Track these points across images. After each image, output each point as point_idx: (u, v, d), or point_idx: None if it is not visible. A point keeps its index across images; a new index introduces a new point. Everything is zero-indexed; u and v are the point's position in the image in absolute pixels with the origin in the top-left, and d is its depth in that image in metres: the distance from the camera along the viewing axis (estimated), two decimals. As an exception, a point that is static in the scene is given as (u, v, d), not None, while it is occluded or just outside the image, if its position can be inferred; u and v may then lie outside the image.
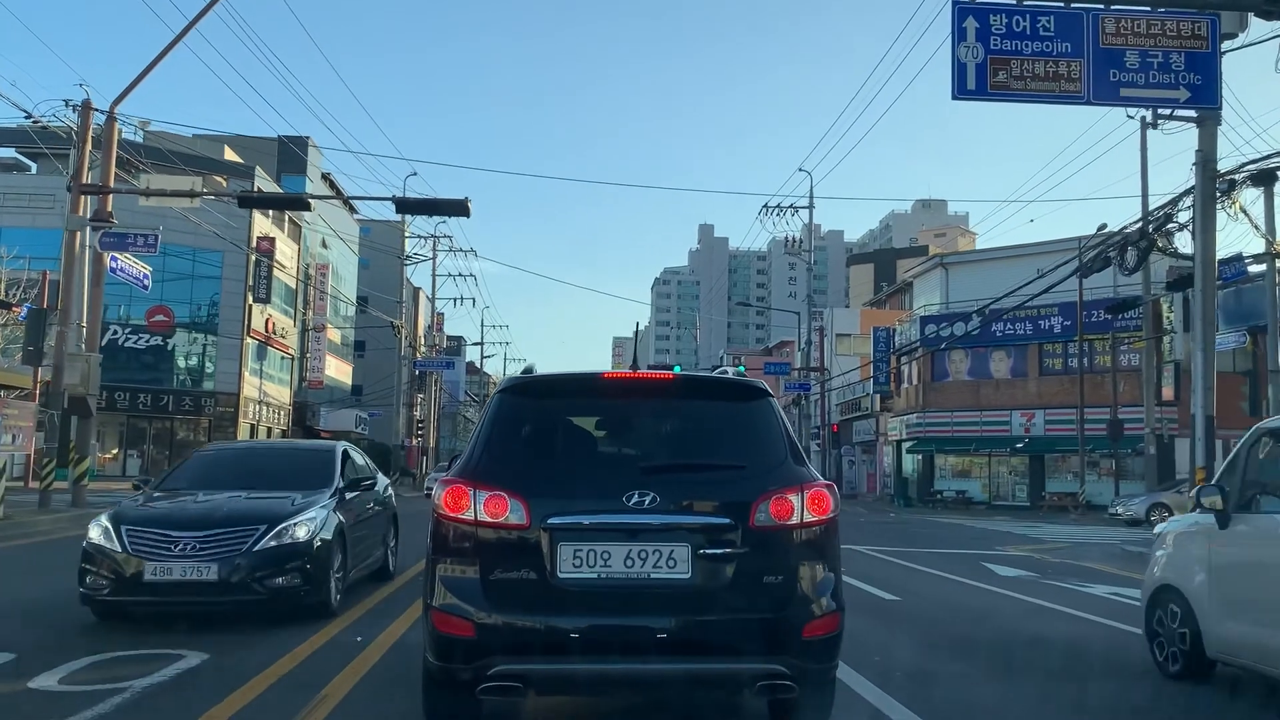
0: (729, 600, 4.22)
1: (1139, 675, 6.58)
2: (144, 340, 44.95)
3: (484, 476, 4.36)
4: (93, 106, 20.12)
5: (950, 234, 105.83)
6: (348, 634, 7.49)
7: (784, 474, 4.44)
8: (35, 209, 41.95)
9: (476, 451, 4.53)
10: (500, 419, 4.65)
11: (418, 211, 23.95)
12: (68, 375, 19.95)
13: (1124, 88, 13.98)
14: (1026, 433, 41.39)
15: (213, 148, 47.33)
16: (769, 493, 4.34)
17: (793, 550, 4.34)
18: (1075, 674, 6.75)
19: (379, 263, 59.69)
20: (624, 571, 4.20)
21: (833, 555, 4.48)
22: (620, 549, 4.21)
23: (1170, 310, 35.32)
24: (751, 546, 4.26)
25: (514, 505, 4.26)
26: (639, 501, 4.22)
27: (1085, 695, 6.15)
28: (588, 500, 4.29)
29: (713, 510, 4.31)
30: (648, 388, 4.86)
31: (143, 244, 19.87)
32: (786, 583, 4.30)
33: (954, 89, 13.82)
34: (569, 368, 28.52)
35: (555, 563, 4.19)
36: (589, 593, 4.19)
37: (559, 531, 4.22)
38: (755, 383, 4.87)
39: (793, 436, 4.67)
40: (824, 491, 4.43)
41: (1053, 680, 6.61)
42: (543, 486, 4.33)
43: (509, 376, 5.01)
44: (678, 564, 4.21)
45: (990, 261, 44.53)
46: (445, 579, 4.32)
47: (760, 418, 4.65)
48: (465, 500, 4.32)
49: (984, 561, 15.49)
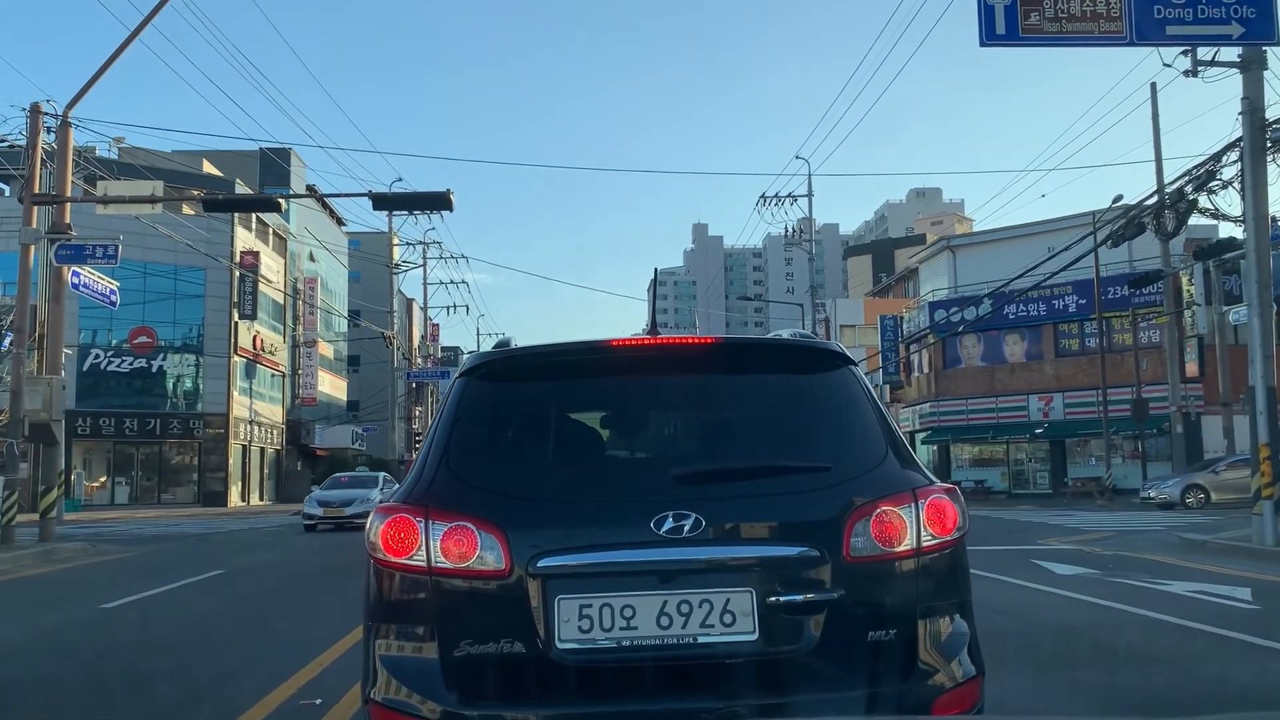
0: (816, 671, 2.79)
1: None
2: (128, 363, 43.60)
3: (441, 500, 2.95)
4: (42, 111, 18.69)
5: (947, 221, 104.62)
6: (308, 691, 6.07)
7: (886, 478, 3.01)
8: (6, 233, 40.52)
9: (430, 464, 3.09)
10: (464, 416, 3.20)
11: (397, 207, 22.63)
12: (28, 401, 18.52)
13: (1170, 25, 12.59)
14: (1045, 417, 39.98)
15: (192, 162, 46.02)
16: (868, 506, 2.92)
17: (908, 590, 2.92)
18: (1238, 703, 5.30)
19: (370, 275, 58.36)
20: (657, 635, 2.78)
21: (963, 594, 3.06)
22: (649, 601, 2.79)
23: (1191, 283, 33.92)
24: (846, 588, 2.84)
25: (486, 541, 2.84)
26: (674, 528, 2.81)
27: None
28: (596, 529, 2.88)
29: (785, 536, 2.88)
30: (677, 359, 3.38)
31: (102, 255, 18.43)
32: (900, 640, 2.87)
33: (981, 35, 12.42)
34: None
35: (552, 626, 2.78)
36: (604, 669, 2.79)
37: (555, 578, 2.81)
38: (831, 345, 3.41)
39: (892, 423, 3.23)
40: (947, 501, 3.01)
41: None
42: (528, 512, 2.92)
43: (476, 353, 3.55)
44: (736, 619, 2.79)
45: (999, 242, 43.11)
46: (389, 658, 2.90)
47: (842, 396, 3.21)
48: (414, 536, 2.90)
49: (1033, 558, 14.03)
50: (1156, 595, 9.79)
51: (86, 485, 42.97)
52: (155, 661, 7.43)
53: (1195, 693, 5.75)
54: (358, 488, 25.75)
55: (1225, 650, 6.94)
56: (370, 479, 27.49)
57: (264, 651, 7.70)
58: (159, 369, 44.62)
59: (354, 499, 24.26)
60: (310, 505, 24.83)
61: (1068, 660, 6.77)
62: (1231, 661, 6.57)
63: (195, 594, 11.90)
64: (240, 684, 6.32)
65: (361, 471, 35.70)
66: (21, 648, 8.19)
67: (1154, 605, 9.01)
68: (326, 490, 26.25)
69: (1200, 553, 14.62)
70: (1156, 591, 10.09)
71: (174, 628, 9.28)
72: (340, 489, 25.92)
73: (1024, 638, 7.49)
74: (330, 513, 24.13)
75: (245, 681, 6.37)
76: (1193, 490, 27.36)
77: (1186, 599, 9.55)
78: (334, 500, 24.62)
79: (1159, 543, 16.44)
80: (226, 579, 13.54)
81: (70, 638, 8.62)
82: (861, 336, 54.31)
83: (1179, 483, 27.99)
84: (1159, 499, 27.78)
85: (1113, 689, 5.91)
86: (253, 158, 50.84)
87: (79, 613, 10.18)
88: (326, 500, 24.77)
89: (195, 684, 6.50)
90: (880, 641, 2.85)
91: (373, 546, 2.98)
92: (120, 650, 8.01)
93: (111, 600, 10.92)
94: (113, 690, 6.44)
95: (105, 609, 10.39)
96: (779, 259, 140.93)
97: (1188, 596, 9.71)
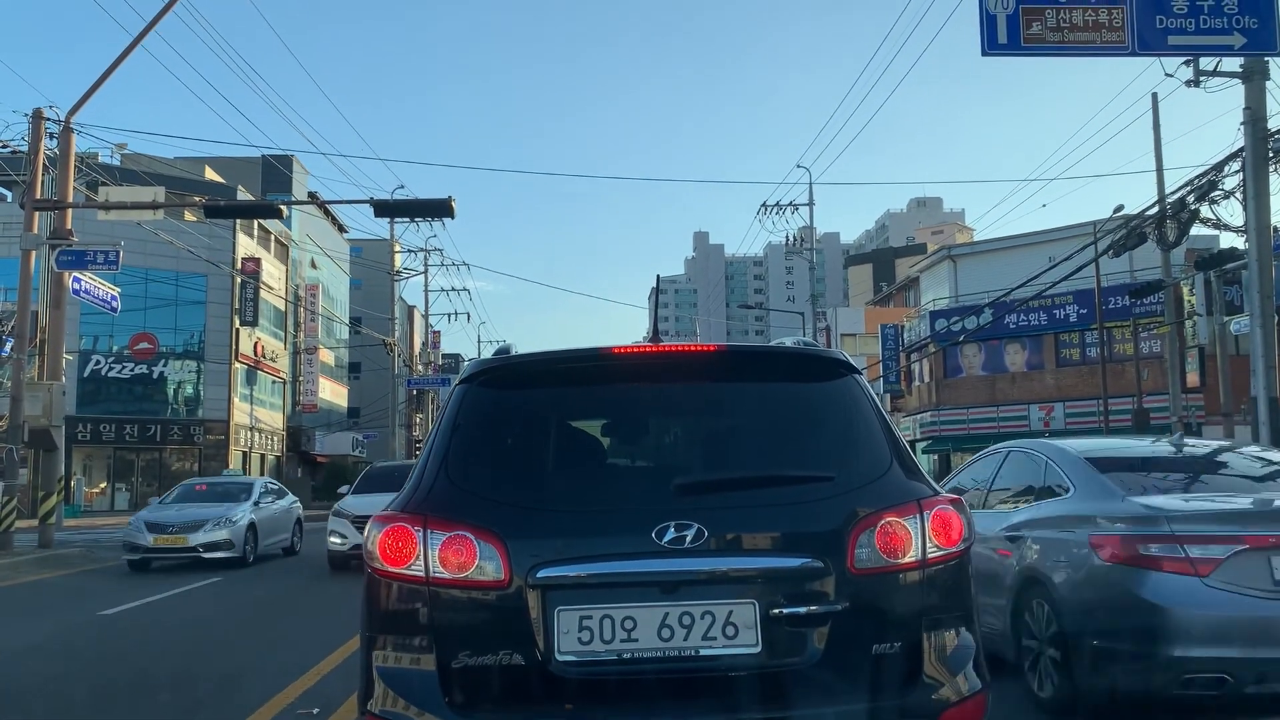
0: (819, 685, 2.76)
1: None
2: (129, 370, 43.58)
3: (440, 509, 2.92)
4: (45, 116, 18.69)
5: (948, 230, 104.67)
6: (303, 702, 6.03)
7: (891, 488, 2.98)
8: (8, 238, 40.58)
9: (429, 472, 3.06)
10: (464, 423, 3.18)
11: (399, 214, 22.58)
12: (28, 406, 18.49)
13: (1171, 35, 12.54)
14: (1046, 426, 39.90)
15: (194, 168, 46.03)
16: (872, 516, 2.89)
17: (912, 602, 2.89)
18: None
19: (372, 283, 58.38)
20: (658, 647, 2.75)
21: (968, 606, 3.02)
22: (651, 612, 2.76)
23: (1192, 293, 33.90)
24: (850, 600, 2.82)
25: (485, 550, 2.82)
26: (676, 538, 2.78)
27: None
28: (597, 539, 2.86)
29: (788, 547, 2.86)
30: (680, 367, 3.34)
31: (103, 261, 18.40)
32: (905, 653, 2.84)
33: (984, 44, 12.39)
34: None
35: (551, 637, 2.76)
36: (605, 682, 2.76)
37: (555, 589, 2.79)
38: (835, 354, 3.38)
39: (896, 432, 3.20)
40: (952, 512, 2.98)
41: None
42: (528, 521, 2.90)
43: (476, 360, 3.52)
44: (739, 631, 2.76)
45: (1000, 252, 43.09)
46: (387, 670, 2.86)
47: (846, 405, 3.19)
48: (412, 545, 2.87)
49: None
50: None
51: (86, 491, 42.89)
52: (153, 668, 7.41)
53: (1197, 702, 5.73)
54: (217, 502, 16.79)
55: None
56: (239, 487, 18.01)
57: (262, 658, 7.67)
58: (160, 375, 44.58)
59: (206, 519, 15.68)
60: (135, 529, 15.76)
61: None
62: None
63: (194, 600, 11.87)
64: (238, 692, 6.29)
65: (229, 476, 26.93)
66: (20, 653, 8.16)
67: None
68: (162, 508, 16.92)
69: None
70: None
71: (173, 634, 9.24)
72: (188, 504, 16.85)
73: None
74: (166, 541, 15.41)
75: (243, 689, 6.35)
76: (1194, 501, 27.28)
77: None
78: (172, 523, 15.66)
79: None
80: (228, 582, 13.52)
81: (68, 644, 8.58)
82: (862, 345, 54.31)
83: (1180, 493, 27.90)
84: (1160, 509, 27.68)
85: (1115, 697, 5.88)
86: (255, 164, 50.90)
87: (78, 619, 10.16)
88: (161, 523, 15.72)
89: (193, 691, 6.47)
90: (884, 654, 2.82)
91: (370, 556, 2.96)
92: (118, 657, 7.98)
93: (110, 607, 10.89)
94: (111, 697, 6.41)
95: (104, 615, 10.36)
96: (780, 267, 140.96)
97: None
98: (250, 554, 16.03)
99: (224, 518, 15.81)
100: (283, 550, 17.82)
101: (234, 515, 15.99)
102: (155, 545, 15.39)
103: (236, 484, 18.88)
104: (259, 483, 18.61)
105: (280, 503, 18.28)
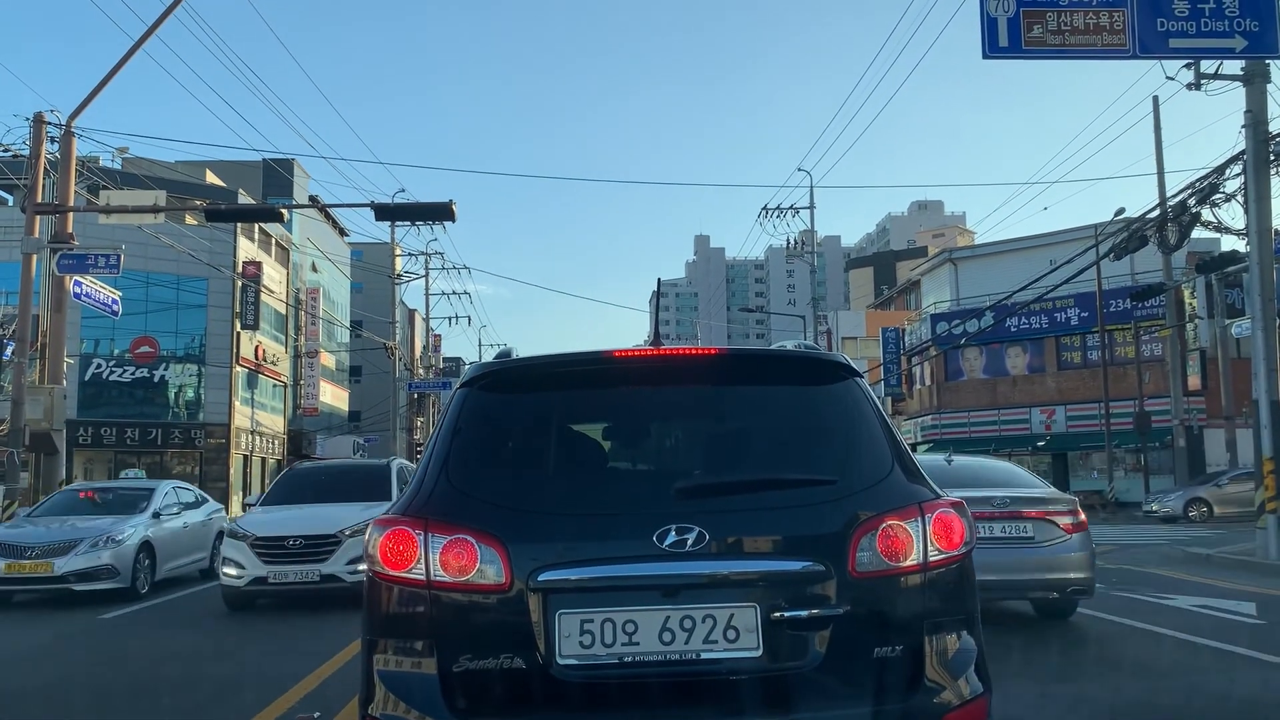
0: (820, 688, 2.75)
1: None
2: (130, 373, 43.58)
3: (441, 512, 2.91)
4: (46, 120, 18.71)
5: (949, 233, 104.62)
6: (305, 705, 6.02)
7: (892, 491, 2.98)
8: (9, 242, 40.65)
9: (430, 476, 3.05)
10: (465, 427, 3.17)
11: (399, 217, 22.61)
12: (29, 410, 18.48)
13: (1173, 38, 12.58)
14: (1047, 430, 39.91)
15: (195, 172, 46.13)
16: (874, 520, 2.88)
17: (914, 606, 2.88)
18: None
19: (373, 286, 58.46)
20: (659, 651, 2.74)
21: (970, 610, 3.01)
22: (652, 616, 2.76)
23: (1193, 296, 33.90)
24: (852, 603, 2.81)
25: (487, 554, 2.81)
26: (677, 541, 2.78)
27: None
28: (598, 542, 2.85)
29: (790, 550, 2.85)
30: (681, 370, 3.33)
31: (104, 265, 18.41)
32: (906, 657, 2.83)
33: (985, 47, 12.44)
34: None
35: (552, 641, 2.75)
36: (606, 686, 2.75)
37: (556, 593, 2.78)
38: (835, 357, 3.37)
39: (897, 435, 3.19)
40: (954, 515, 2.97)
41: None
42: (529, 524, 2.89)
43: (477, 363, 3.53)
44: (740, 635, 2.76)
45: (1001, 255, 43.08)
46: (388, 674, 2.86)
47: (848, 408, 3.18)
48: (413, 549, 2.87)
49: (1036, 572, 13.95)
50: (1160, 609, 9.72)
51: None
52: (154, 672, 7.41)
53: (1200, 707, 5.71)
54: (103, 514, 12.76)
55: (1230, 665, 6.89)
56: (137, 495, 13.73)
57: (262, 662, 7.66)
58: (161, 379, 44.59)
59: (80, 539, 11.63)
60: None
61: (1072, 674, 6.72)
62: (1236, 676, 6.52)
63: (194, 603, 11.83)
64: (238, 696, 6.29)
65: (128, 480, 22.69)
66: (20, 657, 8.16)
67: (1158, 620, 8.95)
68: (25, 523, 13.11)
69: (1204, 567, 14.54)
70: (1160, 606, 10.02)
71: (172, 637, 9.24)
72: (66, 517, 12.79)
73: (1027, 650, 7.45)
74: (21, 569, 11.34)
75: (244, 694, 6.34)
76: (1195, 504, 27.24)
77: (1190, 613, 9.49)
78: (31, 544, 11.64)
79: (1162, 556, 16.35)
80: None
81: (68, 647, 8.58)
82: (863, 348, 54.29)
83: (1182, 496, 27.88)
84: (1162, 512, 27.66)
85: (1117, 703, 5.87)
86: (256, 168, 50.94)
87: (77, 622, 10.16)
88: (15, 543, 11.68)
89: (193, 695, 6.47)
90: (886, 658, 2.81)
91: (371, 559, 2.96)
92: (118, 661, 7.98)
93: (109, 611, 10.89)
94: (111, 701, 6.40)
95: (103, 619, 10.36)
96: (780, 271, 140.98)
97: (1192, 611, 9.64)
98: (144, 583, 12.09)
99: (105, 535, 11.73)
100: (199, 572, 13.99)
101: (120, 532, 11.92)
102: (5, 574, 11.30)
103: (134, 490, 14.44)
104: (163, 488, 14.26)
105: (193, 514, 14.29)
